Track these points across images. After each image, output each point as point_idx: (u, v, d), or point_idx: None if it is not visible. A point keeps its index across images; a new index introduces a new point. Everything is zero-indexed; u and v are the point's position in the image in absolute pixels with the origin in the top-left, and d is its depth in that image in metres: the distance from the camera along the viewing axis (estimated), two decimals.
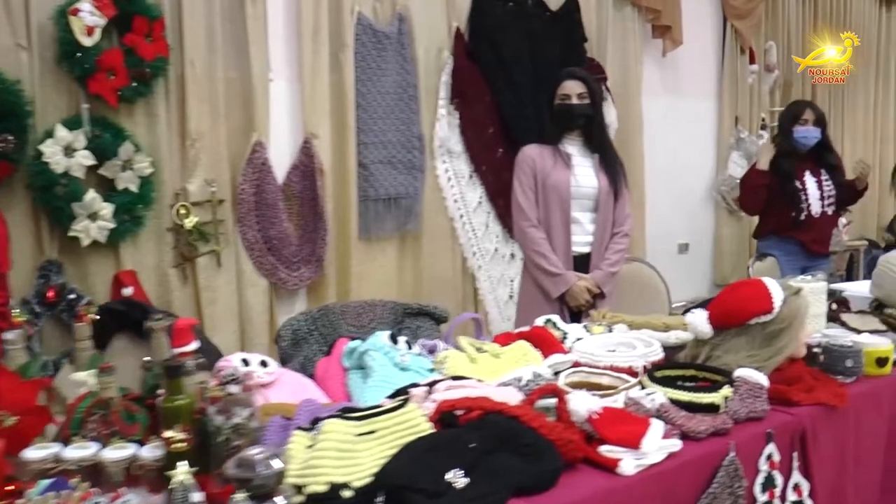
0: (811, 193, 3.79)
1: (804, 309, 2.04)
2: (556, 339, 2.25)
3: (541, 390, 1.69)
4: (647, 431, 1.62)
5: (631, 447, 1.58)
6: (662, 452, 1.61)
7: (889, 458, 2.18)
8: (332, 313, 2.58)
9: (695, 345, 2.11)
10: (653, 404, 1.77)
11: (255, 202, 3.16)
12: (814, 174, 3.83)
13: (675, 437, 1.68)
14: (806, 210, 3.79)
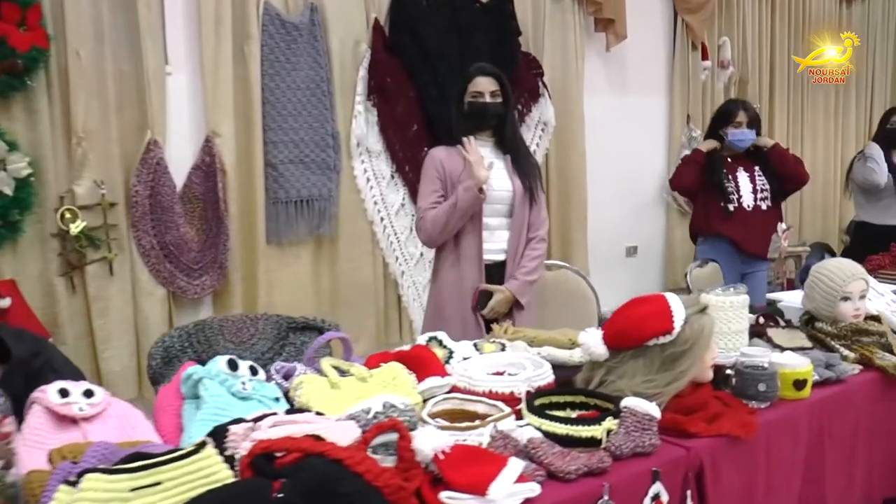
0: (742, 185, 3.61)
1: (709, 329, 1.83)
2: (437, 359, 2.03)
3: (379, 427, 1.47)
4: (499, 474, 1.40)
5: (477, 493, 1.37)
6: (515, 499, 1.39)
7: (807, 491, 1.98)
8: (209, 329, 2.35)
9: (590, 367, 1.90)
10: (522, 439, 1.56)
11: (151, 205, 2.92)
12: (746, 169, 3.65)
13: (539, 478, 1.46)
14: (736, 202, 3.58)
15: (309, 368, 1.92)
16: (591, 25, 4.19)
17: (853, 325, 2.34)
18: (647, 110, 4.58)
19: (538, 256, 2.68)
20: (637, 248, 4.62)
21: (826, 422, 2.03)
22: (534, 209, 2.67)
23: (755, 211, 3.60)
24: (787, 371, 1.97)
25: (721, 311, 2.19)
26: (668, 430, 1.72)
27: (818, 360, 2.12)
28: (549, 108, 3.94)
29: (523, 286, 2.63)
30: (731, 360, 2.04)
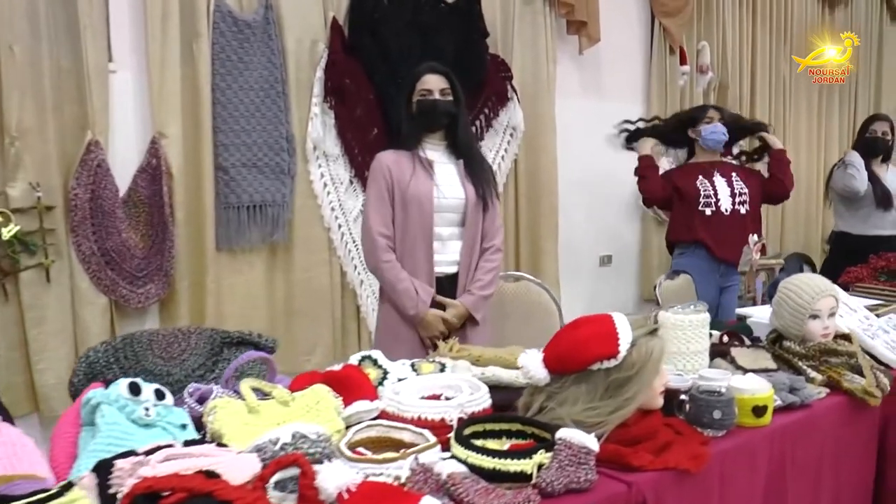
0: (720, 189, 3.47)
1: (658, 353, 1.69)
2: (367, 380, 1.89)
3: (277, 462, 1.33)
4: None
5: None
6: None
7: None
8: (137, 343, 2.20)
9: (531, 392, 1.76)
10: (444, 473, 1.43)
11: (91, 209, 2.78)
12: (723, 173, 3.52)
13: None
14: (714, 206, 3.45)
15: (227, 391, 1.78)
16: (564, 28, 4.05)
17: (821, 345, 2.21)
18: (623, 115, 4.44)
19: (493, 269, 2.54)
20: (611, 257, 4.48)
21: (788, 449, 1.90)
22: (487, 217, 2.53)
23: (733, 215, 3.47)
24: (745, 397, 1.85)
25: (679, 330, 2.07)
26: (610, 462, 1.59)
27: (781, 384, 2.00)
28: (518, 113, 3.80)
29: (478, 301, 2.49)
30: (686, 384, 1.90)
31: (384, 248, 2.45)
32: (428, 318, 2.43)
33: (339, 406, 1.76)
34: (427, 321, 2.43)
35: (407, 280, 2.43)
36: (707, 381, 1.93)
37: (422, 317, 2.43)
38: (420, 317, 2.43)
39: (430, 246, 2.47)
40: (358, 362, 1.97)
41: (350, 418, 1.77)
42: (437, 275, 2.48)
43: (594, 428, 1.61)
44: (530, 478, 1.47)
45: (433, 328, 2.44)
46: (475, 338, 2.46)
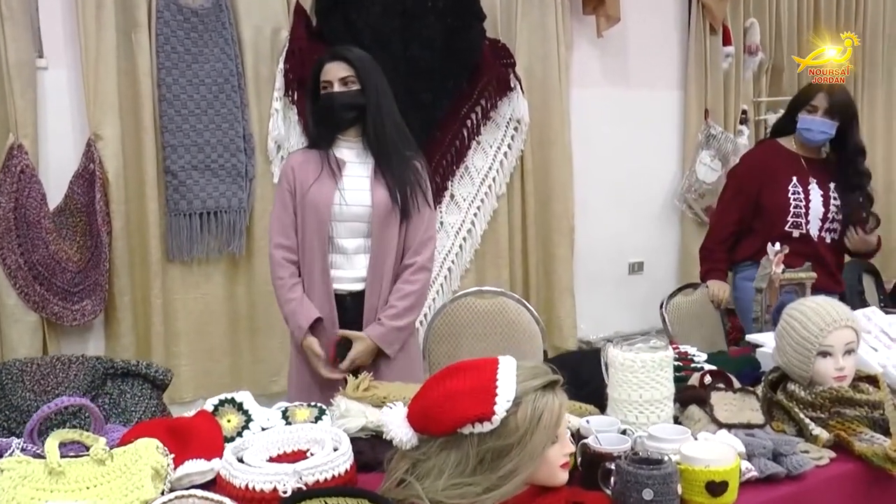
0: (814, 207, 2.87)
1: (554, 415, 1.27)
2: (216, 432, 1.55)
3: None
4: None
5: None
6: None
7: None
8: (7, 374, 1.93)
9: (400, 456, 1.35)
10: None
11: (16, 219, 2.54)
12: (821, 185, 2.90)
13: None
14: (803, 227, 2.86)
15: (31, 445, 1.46)
16: (580, 7, 3.57)
17: (833, 392, 1.71)
18: (656, 105, 3.92)
19: (412, 293, 2.12)
20: (642, 264, 3.96)
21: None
22: (410, 228, 2.13)
23: (818, 242, 2.88)
24: (697, 469, 1.39)
25: (630, 372, 1.63)
26: None
27: (761, 448, 1.53)
28: (523, 104, 3.35)
29: (389, 334, 2.10)
30: (623, 446, 1.45)
31: (278, 262, 2.14)
32: (304, 343, 2.10)
33: (166, 466, 1.42)
34: (304, 346, 2.10)
35: (295, 301, 2.11)
36: (653, 443, 1.49)
37: (298, 344, 2.12)
38: (298, 343, 2.12)
39: (326, 259, 2.12)
40: (214, 407, 1.62)
41: (180, 481, 1.43)
42: (338, 292, 2.12)
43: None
44: None
45: (312, 363, 2.11)
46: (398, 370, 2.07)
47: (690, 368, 1.93)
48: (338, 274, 2.12)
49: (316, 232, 2.08)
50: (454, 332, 2.68)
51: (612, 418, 1.61)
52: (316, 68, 2.12)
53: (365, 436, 1.63)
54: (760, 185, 2.92)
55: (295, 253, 2.14)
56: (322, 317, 2.10)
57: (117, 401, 1.92)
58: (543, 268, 3.58)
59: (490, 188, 3.44)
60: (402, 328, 2.11)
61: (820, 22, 4.35)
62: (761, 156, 3.06)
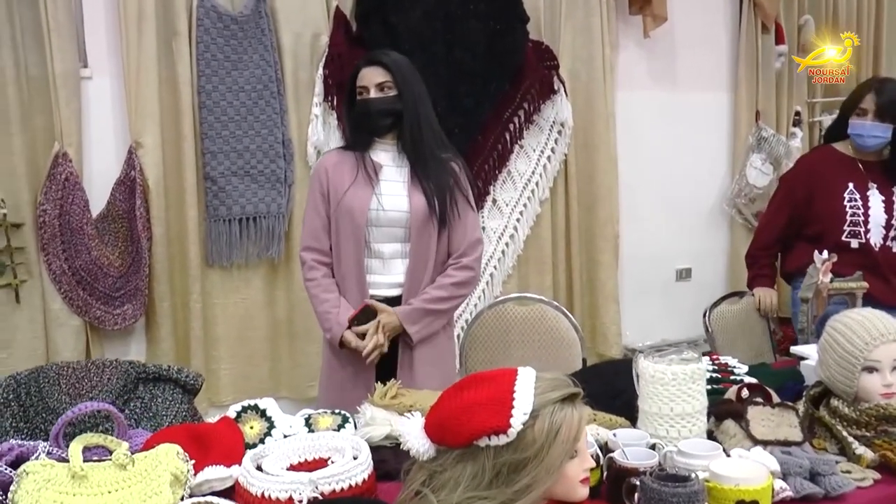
0: (874, 214, 2.72)
1: (571, 428, 1.22)
2: (238, 439, 1.54)
3: None
4: None
5: None
6: None
7: None
8: (44, 378, 1.97)
9: (417, 468, 1.33)
10: None
11: (60, 226, 2.60)
12: (882, 189, 2.75)
13: None
14: (863, 237, 2.72)
15: (57, 448, 1.48)
16: (626, 8, 3.50)
17: (880, 409, 1.62)
18: (704, 107, 3.80)
19: (448, 285, 2.09)
20: (690, 270, 3.84)
21: None
22: (454, 232, 2.10)
23: (882, 251, 2.72)
24: (727, 487, 1.33)
25: (660, 385, 1.57)
26: None
27: (798, 467, 1.46)
28: (566, 106, 3.29)
29: (414, 312, 2.06)
30: (651, 461, 1.40)
31: (309, 264, 2.13)
32: (343, 338, 2.05)
33: (186, 472, 1.42)
34: (344, 341, 2.06)
35: (329, 302, 2.08)
36: (682, 458, 1.43)
37: (336, 342, 2.07)
38: (335, 342, 2.07)
39: (362, 264, 2.09)
40: (237, 414, 1.62)
41: (200, 487, 1.43)
42: (374, 297, 2.09)
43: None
44: None
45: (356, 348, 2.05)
46: (427, 376, 2.04)
47: (729, 381, 1.86)
48: (374, 279, 2.09)
49: (351, 236, 2.06)
50: (492, 339, 2.65)
51: (641, 432, 1.56)
52: (353, 73, 2.11)
53: (389, 444, 1.61)
54: (812, 191, 2.80)
55: (327, 256, 2.12)
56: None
57: (149, 405, 1.94)
58: (587, 274, 3.51)
59: (533, 193, 3.39)
60: (429, 311, 2.06)
61: (882, 17, 4.17)
62: (814, 160, 2.94)
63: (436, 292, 2.07)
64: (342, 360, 2.11)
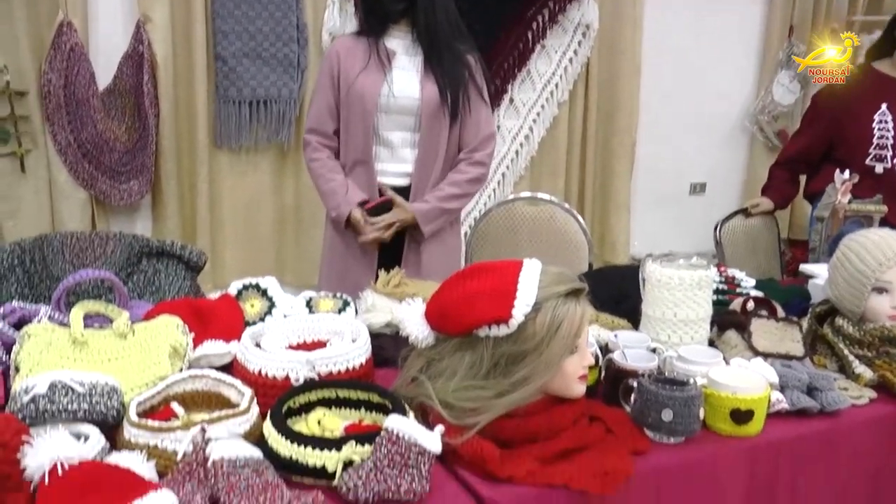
0: None
1: (574, 324, 1.20)
2: (237, 315, 1.54)
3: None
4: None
5: None
6: None
7: None
8: (48, 246, 1.96)
9: (416, 354, 1.32)
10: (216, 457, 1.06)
11: (65, 97, 2.54)
12: None
13: None
14: (888, 161, 2.63)
15: (59, 313, 1.48)
16: None
17: (884, 331, 1.60)
18: (736, 18, 3.64)
19: (463, 182, 2.06)
20: (705, 185, 3.78)
21: (785, 475, 1.36)
22: (467, 126, 2.05)
23: None
24: (723, 395, 1.32)
25: (666, 290, 1.54)
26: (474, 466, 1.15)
27: (796, 381, 1.44)
28: (593, 8, 3.17)
29: (432, 212, 2.04)
30: (650, 364, 1.40)
31: (314, 146, 2.09)
32: (352, 216, 2.03)
33: (185, 345, 1.43)
34: (351, 220, 2.03)
35: (336, 181, 2.05)
36: (681, 364, 1.42)
37: (343, 219, 2.03)
38: (342, 219, 2.04)
39: (370, 151, 2.05)
40: (238, 291, 1.61)
41: (198, 361, 1.44)
42: (381, 186, 2.06)
43: (469, 415, 1.17)
44: (332, 477, 1.07)
45: (360, 229, 2.03)
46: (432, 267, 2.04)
47: (735, 293, 1.84)
48: (382, 167, 2.06)
49: (360, 122, 2.01)
50: (499, 237, 2.62)
51: (642, 335, 1.54)
52: None
53: (389, 332, 1.61)
54: (842, 112, 2.70)
55: (331, 140, 2.08)
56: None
57: (151, 279, 1.94)
58: (600, 181, 3.46)
59: (552, 95, 3.30)
60: (445, 210, 2.06)
61: None
62: (849, 80, 2.83)
63: (450, 189, 2.04)
64: (346, 241, 2.09)
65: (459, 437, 1.15)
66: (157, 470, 1.08)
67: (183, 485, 1.05)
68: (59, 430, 1.03)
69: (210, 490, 1.04)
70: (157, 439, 1.11)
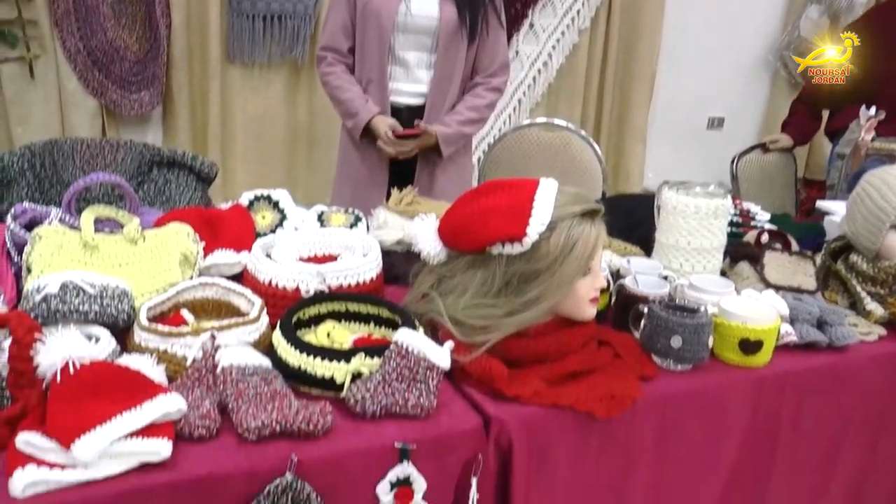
0: None
1: (589, 244, 1.18)
2: (248, 225, 1.53)
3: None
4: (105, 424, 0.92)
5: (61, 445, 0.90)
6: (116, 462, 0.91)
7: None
8: (58, 151, 1.94)
9: (428, 270, 1.32)
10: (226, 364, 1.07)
11: (74, 2, 2.48)
12: None
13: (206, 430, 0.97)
14: None
15: (69, 216, 1.47)
16: None
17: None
18: None
19: (480, 107, 2.05)
20: (723, 120, 3.71)
21: (790, 407, 1.37)
22: (483, 49, 2.01)
23: None
24: (733, 324, 1.32)
25: (681, 217, 1.53)
26: (481, 384, 1.16)
27: (807, 314, 1.43)
28: None
29: (454, 136, 2.04)
30: (661, 290, 1.39)
31: (328, 61, 2.06)
32: (372, 123, 2.00)
33: (195, 253, 1.42)
34: (372, 126, 2.01)
35: (354, 92, 2.02)
36: (693, 292, 1.41)
37: (363, 123, 2.01)
38: (361, 125, 2.01)
39: (385, 70, 2.01)
40: (249, 202, 1.60)
41: (208, 269, 1.43)
42: (395, 104, 2.04)
43: (479, 333, 1.17)
44: (342, 387, 1.07)
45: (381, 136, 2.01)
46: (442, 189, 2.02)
47: (750, 226, 1.82)
48: (396, 86, 2.03)
49: (376, 41, 1.97)
50: (513, 162, 2.60)
51: (654, 262, 1.53)
52: None
53: (400, 250, 1.60)
54: (871, 47, 2.61)
55: (345, 57, 2.05)
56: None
57: (162, 189, 1.92)
58: (618, 111, 3.40)
59: (573, 21, 3.22)
60: (465, 135, 2.08)
61: None
62: (882, 14, 2.73)
63: (469, 114, 2.03)
64: (361, 154, 2.07)
65: (468, 354, 1.15)
66: (167, 375, 1.09)
67: (192, 390, 1.05)
68: (71, 329, 1.03)
69: (219, 396, 1.05)
70: (167, 344, 1.12)
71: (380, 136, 1.99)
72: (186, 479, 0.93)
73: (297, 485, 0.96)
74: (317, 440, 1.00)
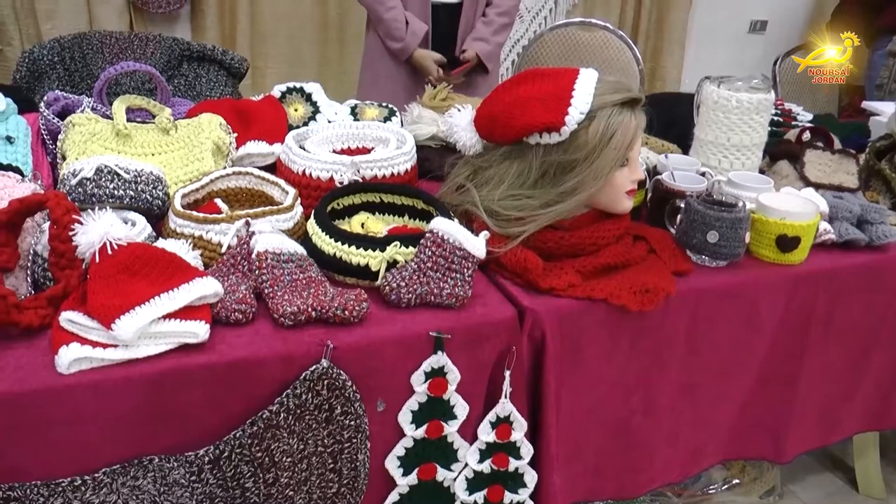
0: None
1: (628, 135, 1.15)
2: (281, 118, 1.51)
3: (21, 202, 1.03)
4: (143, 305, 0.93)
5: (103, 323, 0.92)
6: (157, 342, 0.93)
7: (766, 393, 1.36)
8: (87, 44, 1.93)
9: (463, 162, 1.30)
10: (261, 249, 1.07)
11: None
12: None
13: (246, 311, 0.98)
14: None
15: (101, 105, 1.46)
16: None
17: None
18: None
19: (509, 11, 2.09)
20: (766, 23, 3.56)
21: (824, 304, 1.35)
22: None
23: None
24: (771, 220, 1.29)
25: (722, 112, 1.49)
26: (515, 276, 1.15)
27: (847, 212, 1.40)
28: None
29: (494, 50, 2.07)
30: (699, 186, 1.36)
31: None
32: (415, 56, 1.98)
33: (228, 144, 1.41)
34: (414, 60, 2.01)
35: (396, 9, 1.99)
36: (731, 188, 1.38)
37: (409, 53, 2.00)
38: (407, 53, 2.00)
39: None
40: (282, 94, 1.58)
41: (241, 160, 1.43)
42: (435, 2, 1.98)
43: (514, 224, 1.16)
44: (377, 276, 1.07)
45: (426, 70, 2.01)
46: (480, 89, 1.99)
47: (791, 126, 1.76)
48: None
49: None
50: (550, 62, 2.53)
51: (692, 158, 1.50)
52: None
53: (435, 145, 1.58)
54: None
55: None
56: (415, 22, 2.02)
57: (192, 83, 1.91)
58: (657, 13, 3.27)
59: None
60: (501, 44, 2.10)
61: None
62: None
63: (501, 19, 2.06)
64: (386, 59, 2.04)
65: (503, 246, 1.14)
66: (202, 261, 1.09)
67: (227, 276, 1.06)
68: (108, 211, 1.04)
69: (254, 283, 1.05)
70: (203, 230, 1.12)
71: (430, 74, 2.01)
72: (225, 362, 0.94)
73: (333, 372, 0.97)
74: (352, 328, 1.01)
